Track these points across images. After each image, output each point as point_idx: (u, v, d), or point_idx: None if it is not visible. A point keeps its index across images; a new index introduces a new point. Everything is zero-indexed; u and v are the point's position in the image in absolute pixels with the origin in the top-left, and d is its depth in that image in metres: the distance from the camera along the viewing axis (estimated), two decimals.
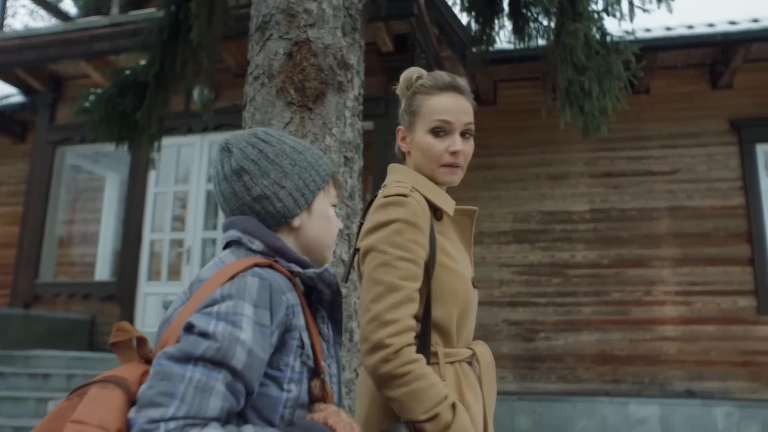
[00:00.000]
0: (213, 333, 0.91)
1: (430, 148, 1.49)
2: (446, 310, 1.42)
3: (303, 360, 1.04)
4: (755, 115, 6.97)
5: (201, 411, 0.87)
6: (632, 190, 7.11)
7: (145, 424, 0.84)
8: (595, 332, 6.86)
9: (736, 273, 6.72)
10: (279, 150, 1.16)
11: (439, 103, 1.50)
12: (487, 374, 1.51)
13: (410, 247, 1.37)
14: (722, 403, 6.42)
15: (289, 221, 1.15)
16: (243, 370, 0.92)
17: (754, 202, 6.81)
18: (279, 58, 2.46)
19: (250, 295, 0.96)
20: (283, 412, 1.01)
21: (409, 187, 1.44)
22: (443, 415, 1.30)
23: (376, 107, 6.46)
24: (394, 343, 1.30)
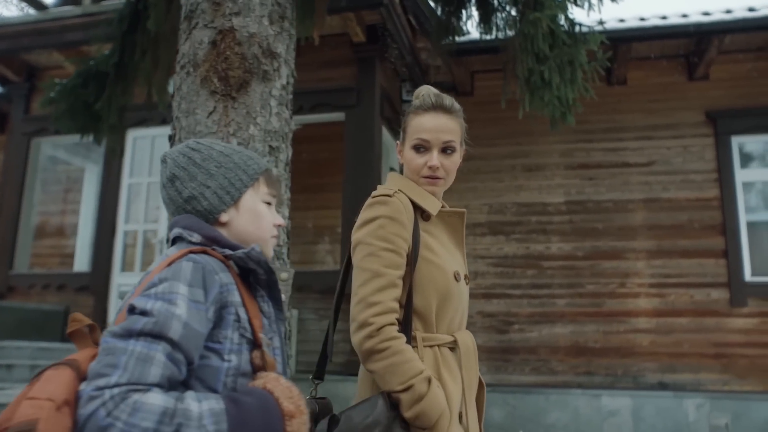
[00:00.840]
0: (150, 310, 1.02)
1: (411, 161, 1.70)
2: (425, 298, 1.59)
3: (241, 332, 1.15)
4: (731, 107, 6.93)
5: (142, 378, 0.96)
6: (608, 182, 7.08)
7: (92, 391, 0.94)
8: (569, 324, 6.85)
9: (710, 265, 6.70)
10: (206, 155, 1.30)
11: (421, 122, 1.69)
12: (468, 360, 1.65)
13: (393, 239, 1.56)
14: (693, 395, 6.42)
15: (217, 217, 1.28)
16: (180, 341, 1.02)
17: (728, 194, 6.78)
18: (204, 47, 2.43)
19: (185, 277, 1.08)
20: (225, 380, 1.11)
21: (395, 190, 1.63)
22: (417, 387, 1.46)
23: (348, 98, 6.43)
24: (377, 321, 1.48)
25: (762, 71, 6.97)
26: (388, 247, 1.56)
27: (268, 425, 1.08)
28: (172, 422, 0.96)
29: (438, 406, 1.48)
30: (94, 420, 0.93)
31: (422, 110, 1.71)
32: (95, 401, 0.94)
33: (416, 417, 1.47)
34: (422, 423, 1.48)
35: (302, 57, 6.84)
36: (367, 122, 6.32)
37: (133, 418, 0.93)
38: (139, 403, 0.94)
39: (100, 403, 0.93)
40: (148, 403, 0.95)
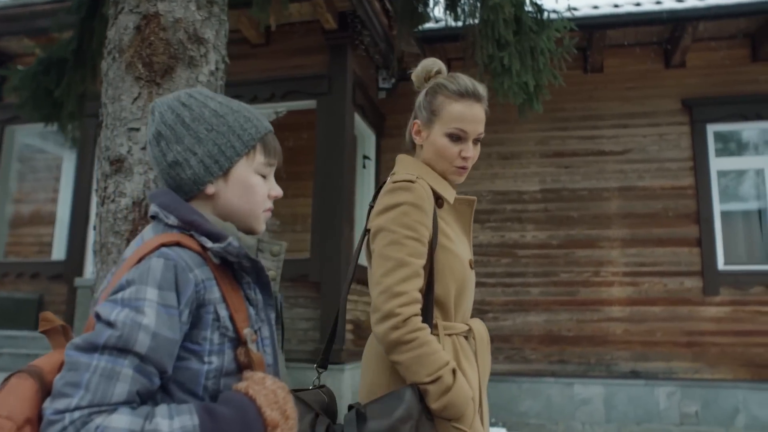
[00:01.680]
0: (114, 321, 0.94)
1: (445, 149, 1.64)
2: (445, 286, 1.57)
3: (221, 332, 1.05)
4: (707, 95, 6.89)
5: (106, 398, 0.90)
6: (583, 170, 7.05)
7: (52, 415, 0.88)
8: (543, 313, 6.85)
9: (684, 254, 6.69)
10: (197, 114, 1.14)
11: (459, 110, 1.63)
12: (482, 348, 1.66)
13: (416, 227, 1.52)
14: (665, 384, 6.43)
15: (202, 189, 1.13)
16: (148, 354, 0.94)
17: (703, 183, 6.75)
18: (128, 32, 2.40)
19: (154, 278, 0.98)
20: (206, 383, 1.03)
21: (416, 175, 1.59)
22: (445, 378, 1.43)
23: (319, 85, 6.38)
24: (403, 312, 1.45)
25: (738, 59, 6.92)
26: (412, 236, 1.52)
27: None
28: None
29: (465, 396, 1.47)
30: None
31: (459, 96, 1.64)
32: (55, 426, 0.87)
33: (444, 408, 1.45)
34: (450, 414, 1.46)
35: (274, 45, 6.83)
36: (338, 110, 6.27)
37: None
38: (102, 428, 0.88)
39: (59, 428, 0.87)
40: (112, 427, 0.88)
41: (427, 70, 1.72)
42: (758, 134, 6.92)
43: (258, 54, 6.77)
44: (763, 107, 6.70)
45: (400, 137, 7.53)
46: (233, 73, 6.81)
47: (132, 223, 2.40)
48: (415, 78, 1.75)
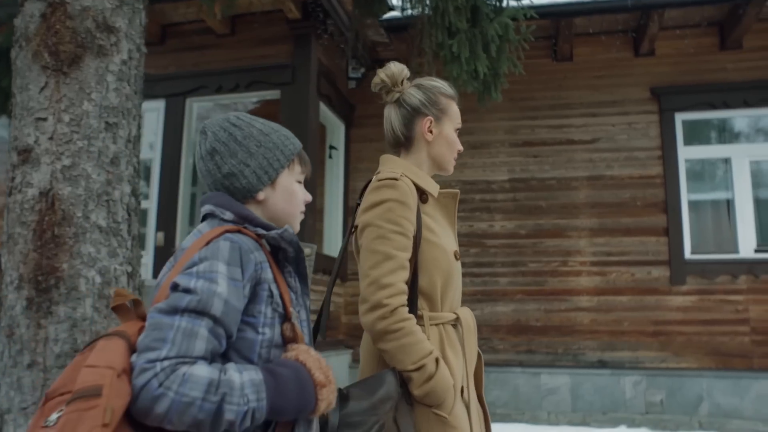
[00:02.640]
0: (194, 288, 1.09)
1: (456, 143, 1.85)
2: (430, 278, 1.66)
3: (273, 307, 1.22)
4: (676, 83, 6.85)
5: (189, 351, 1.05)
6: (552, 159, 7.02)
7: (145, 363, 1.02)
8: (510, 303, 6.83)
9: (652, 243, 6.67)
10: (247, 133, 1.33)
11: (457, 109, 1.86)
12: (469, 336, 1.74)
13: (401, 222, 1.61)
14: (631, 373, 6.43)
15: (255, 195, 1.33)
16: (221, 317, 1.10)
17: (671, 172, 6.72)
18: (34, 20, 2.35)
19: (223, 256, 1.15)
20: (260, 351, 1.19)
21: (400, 173, 1.68)
22: (428, 367, 1.53)
23: (283, 75, 6.33)
24: (391, 303, 1.54)
25: (706, 48, 6.87)
26: (397, 230, 1.60)
27: (302, 394, 1.16)
28: (217, 392, 1.04)
29: (446, 384, 1.55)
30: (147, 390, 1.01)
31: (455, 98, 1.87)
32: (148, 373, 1.01)
33: (426, 395, 1.54)
34: (431, 401, 1.55)
35: (239, 34, 6.78)
36: (302, 100, 6.23)
37: (183, 388, 1.01)
38: (188, 375, 1.02)
39: (152, 374, 1.01)
40: (195, 375, 1.03)
41: (403, 75, 1.82)
42: (726, 123, 6.88)
43: (223, 44, 6.71)
44: (730, 96, 6.66)
45: (370, 127, 7.52)
46: (198, 63, 6.79)
47: (38, 213, 2.37)
48: (388, 79, 1.81)
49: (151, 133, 6.75)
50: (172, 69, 6.78)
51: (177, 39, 6.85)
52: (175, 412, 1.01)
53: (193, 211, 6.79)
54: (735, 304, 6.40)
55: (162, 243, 6.42)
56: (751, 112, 6.72)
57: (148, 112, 6.80)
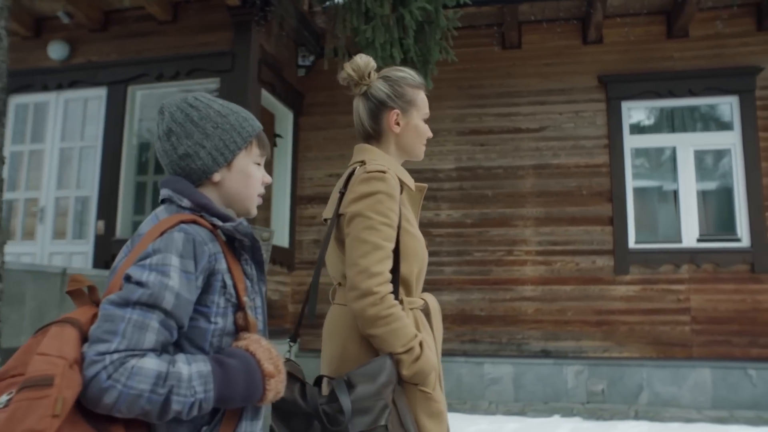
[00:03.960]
0: (146, 281, 1.11)
1: (425, 131, 1.91)
2: (409, 266, 1.75)
3: (226, 297, 1.24)
4: (623, 71, 6.79)
5: (139, 344, 1.07)
6: (499, 148, 6.97)
7: (95, 356, 1.04)
8: (455, 292, 6.81)
9: (597, 232, 6.64)
10: (204, 114, 1.33)
11: (424, 98, 1.91)
12: (436, 319, 1.86)
13: (389, 214, 1.68)
14: (573, 362, 6.42)
15: (210, 177, 1.34)
16: (172, 310, 1.12)
17: (617, 161, 6.68)
18: None
19: (177, 248, 1.16)
20: (212, 340, 1.22)
21: (387, 166, 1.75)
22: (416, 349, 1.63)
23: (222, 62, 6.27)
24: (380, 291, 1.61)
25: (654, 36, 6.82)
26: (385, 222, 1.67)
27: (250, 384, 1.19)
28: (165, 384, 1.07)
29: (431, 364, 1.66)
30: (96, 382, 1.03)
31: (421, 86, 1.92)
32: (97, 365, 1.04)
33: (414, 375, 1.64)
34: (418, 379, 1.65)
35: (181, 21, 6.71)
36: (241, 87, 6.17)
37: (131, 381, 1.04)
38: (136, 368, 1.05)
39: (101, 367, 1.04)
40: (144, 368, 1.06)
41: (367, 66, 1.87)
42: (671, 112, 6.84)
43: (165, 31, 6.65)
44: (676, 84, 6.61)
45: (319, 115, 7.47)
46: (140, 50, 6.72)
47: None
48: (354, 73, 1.87)
49: (94, 120, 6.69)
50: (115, 56, 6.72)
51: (119, 26, 6.78)
52: (123, 403, 1.05)
53: (137, 199, 6.75)
54: (677, 293, 6.39)
55: (102, 231, 6.38)
56: (695, 101, 6.68)
57: (90, 100, 6.75)
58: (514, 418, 5.47)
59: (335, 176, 7.31)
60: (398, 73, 1.90)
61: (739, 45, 6.61)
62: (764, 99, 6.48)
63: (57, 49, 6.73)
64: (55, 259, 6.51)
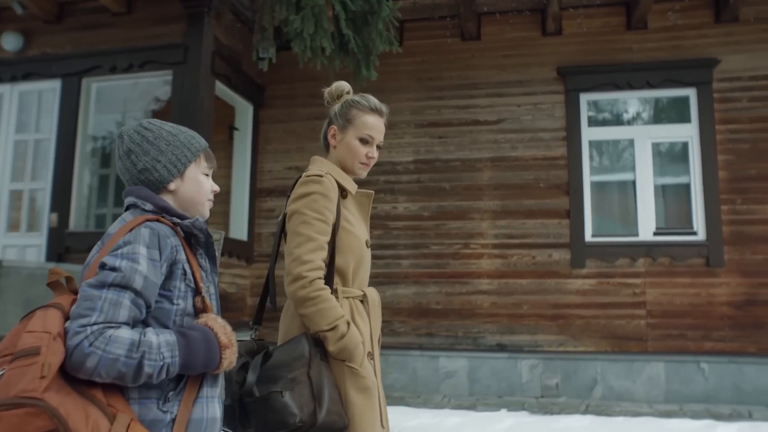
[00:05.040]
0: (119, 266, 1.33)
1: (357, 149, 2.11)
2: (344, 259, 1.99)
3: (186, 283, 1.46)
4: (582, 63, 6.73)
5: (114, 317, 1.29)
6: (457, 140, 6.93)
7: (77, 327, 1.25)
8: (412, 285, 6.78)
9: (553, 226, 6.60)
10: (157, 134, 1.57)
11: (371, 121, 2.11)
12: (374, 309, 2.07)
13: (323, 211, 1.93)
14: (528, 357, 6.38)
15: (166, 186, 1.57)
16: (141, 290, 1.34)
17: (575, 153, 6.63)
18: None
19: (144, 240, 1.38)
20: (175, 319, 1.44)
21: (325, 172, 2.00)
22: (340, 327, 1.86)
23: (174, 55, 6.23)
24: (309, 275, 1.87)
25: (614, 27, 6.76)
26: (319, 217, 1.92)
27: (209, 353, 1.42)
28: (138, 350, 1.28)
29: (356, 342, 1.88)
30: (79, 349, 1.23)
31: (369, 111, 2.11)
32: (80, 335, 1.24)
33: (340, 351, 1.86)
34: (344, 356, 1.87)
35: (135, 13, 6.67)
36: (193, 79, 6.13)
37: (110, 347, 1.25)
38: (113, 336, 1.26)
39: (83, 336, 1.24)
40: (120, 336, 1.27)
41: (340, 90, 2.16)
42: (630, 104, 6.78)
43: (119, 23, 6.61)
44: (634, 76, 6.55)
45: (279, 108, 7.42)
46: (95, 42, 6.69)
47: None
48: (328, 95, 2.18)
49: (49, 113, 6.67)
50: (69, 48, 6.69)
51: (74, 17, 6.75)
52: (103, 366, 1.24)
53: (100, 191, 6.74)
54: (633, 287, 6.34)
55: (55, 224, 6.36)
56: (654, 93, 6.62)
57: (45, 92, 6.73)
58: (459, 412, 5.44)
59: (294, 169, 7.28)
60: (355, 98, 2.15)
61: (697, 37, 6.55)
62: (721, 91, 6.42)
63: (11, 40, 6.70)
64: (9, 252, 6.50)
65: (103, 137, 7.58)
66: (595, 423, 5.09)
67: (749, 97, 6.36)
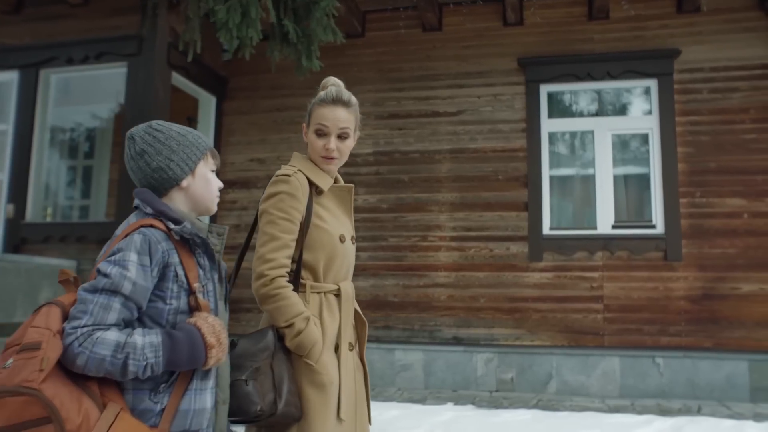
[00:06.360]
0: (109, 273, 1.46)
1: (314, 143, 2.12)
2: (314, 255, 2.03)
3: (179, 284, 1.57)
4: (542, 54, 6.64)
5: (103, 320, 1.42)
6: (416, 132, 6.87)
7: (70, 329, 1.40)
8: (370, 278, 6.74)
9: (512, 218, 6.53)
10: (167, 135, 1.67)
11: (322, 112, 2.10)
12: (347, 304, 2.10)
13: (289, 210, 1.99)
14: (483, 350, 6.33)
15: (179, 183, 1.67)
16: (130, 295, 1.46)
17: (534, 145, 6.55)
18: None
19: (135, 247, 1.50)
20: (168, 318, 1.55)
21: (295, 170, 2.04)
22: (297, 324, 1.93)
23: (129, 46, 6.22)
24: (270, 273, 1.94)
25: (575, 17, 6.66)
26: (284, 217, 1.98)
27: (194, 352, 1.52)
28: (123, 351, 1.41)
29: (311, 339, 1.93)
30: (70, 349, 1.38)
31: (325, 103, 2.10)
32: (71, 336, 1.38)
33: (295, 347, 1.95)
34: (300, 351, 1.95)
35: (93, 4, 6.66)
36: (148, 71, 6.12)
37: (96, 348, 1.39)
38: (100, 339, 1.39)
39: (74, 337, 1.38)
40: (106, 339, 1.40)
41: (321, 86, 2.18)
42: (590, 95, 6.69)
43: (77, 14, 6.60)
44: (594, 67, 6.46)
45: (242, 100, 7.40)
46: (53, 33, 6.69)
47: None
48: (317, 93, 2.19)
49: (7, 104, 6.69)
50: (28, 39, 6.69)
51: (32, 8, 6.75)
52: (91, 364, 1.39)
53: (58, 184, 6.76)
54: (590, 281, 6.27)
55: (12, 215, 6.38)
56: (614, 84, 6.52)
57: (3, 84, 6.74)
58: (403, 405, 5.40)
59: (257, 161, 7.26)
60: (320, 92, 2.15)
61: (659, 27, 6.43)
62: (682, 83, 6.31)
63: None
64: None
65: (72, 129, 7.61)
66: (536, 417, 5.03)
67: (710, 89, 6.25)
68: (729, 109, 6.18)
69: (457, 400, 5.76)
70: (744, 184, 6.06)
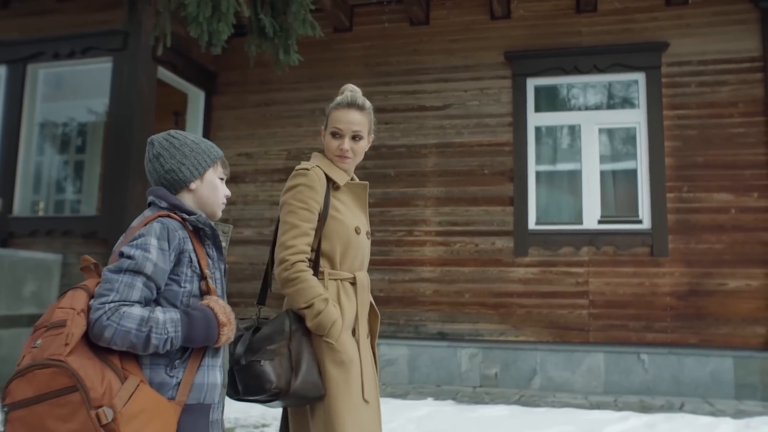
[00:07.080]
0: (133, 255, 1.57)
1: (329, 144, 2.26)
2: (331, 244, 2.16)
3: (192, 269, 1.69)
4: (529, 47, 6.58)
5: (128, 297, 1.53)
6: (403, 126, 6.84)
7: (98, 304, 1.50)
8: None
9: (497, 213, 6.49)
10: (182, 142, 1.83)
11: (338, 115, 2.25)
12: (362, 292, 2.21)
13: (307, 201, 2.12)
14: (468, 345, 6.30)
15: (188, 185, 1.81)
16: (152, 275, 1.57)
17: (520, 139, 6.50)
18: None
19: (155, 233, 1.62)
20: (182, 299, 1.67)
21: (314, 165, 2.19)
22: (316, 305, 2.03)
23: (114, 41, 6.23)
24: (290, 259, 2.07)
25: (563, 10, 6.59)
26: (303, 207, 2.11)
27: (208, 330, 1.64)
28: (147, 325, 1.52)
29: (330, 318, 2.04)
30: (99, 322, 1.48)
31: (340, 107, 2.25)
32: (99, 311, 1.49)
33: (316, 327, 2.05)
34: (320, 331, 2.04)
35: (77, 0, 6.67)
36: (133, 66, 6.13)
37: (123, 321, 1.49)
38: (127, 313, 1.50)
39: (102, 312, 1.48)
40: (132, 313, 1.50)
41: (340, 91, 2.33)
42: (577, 89, 6.62)
43: (63, 9, 6.63)
44: (581, 60, 6.39)
45: (231, 94, 7.40)
46: (41, 28, 6.72)
47: None
48: None
49: None
50: (15, 34, 6.73)
51: (20, 3, 6.78)
52: (117, 337, 1.49)
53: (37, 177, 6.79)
54: (576, 276, 6.21)
55: (0, 208, 6.43)
56: (601, 77, 6.46)
57: None
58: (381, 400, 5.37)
59: (245, 155, 7.27)
60: (336, 98, 2.29)
61: (648, 20, 6.35)
62: (670, 76, 6.23)
63: None
64: None
65: (65, 124, 7.64)
66: (513, 413, 5.00)
67: (698, 82, 6.16)
68: (717, 102, 6.09)
69: (438, 395, 5.74)
70: (732, 178, 5.98)
